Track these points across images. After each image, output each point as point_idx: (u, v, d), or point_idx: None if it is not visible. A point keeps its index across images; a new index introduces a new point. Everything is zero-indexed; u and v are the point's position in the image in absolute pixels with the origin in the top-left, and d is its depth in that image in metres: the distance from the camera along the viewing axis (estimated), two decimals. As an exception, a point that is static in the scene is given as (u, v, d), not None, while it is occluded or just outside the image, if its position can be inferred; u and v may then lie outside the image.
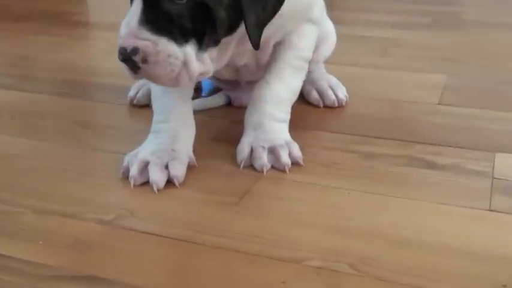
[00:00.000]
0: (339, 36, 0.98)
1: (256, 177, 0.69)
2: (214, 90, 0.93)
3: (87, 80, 1.06)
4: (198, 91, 0.89)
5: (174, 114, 0.71)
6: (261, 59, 0.77)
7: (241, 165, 0.71)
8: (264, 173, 0.69)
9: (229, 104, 0.91)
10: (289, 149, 0.71)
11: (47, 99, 0.95)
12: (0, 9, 1.52)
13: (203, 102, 0.89)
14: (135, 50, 0.59)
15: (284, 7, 0.65)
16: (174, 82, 0.63)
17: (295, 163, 0.71)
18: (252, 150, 0.71)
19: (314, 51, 0.82)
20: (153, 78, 0.62)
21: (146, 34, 0.59)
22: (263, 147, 0.70)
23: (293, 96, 0.77)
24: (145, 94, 0.89)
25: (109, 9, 1.58)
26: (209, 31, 0.61)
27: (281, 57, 0.75)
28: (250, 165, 0.70)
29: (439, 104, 0.91)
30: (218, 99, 0.91)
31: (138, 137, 0.73)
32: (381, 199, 0.64)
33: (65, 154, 0.76)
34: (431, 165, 0.71)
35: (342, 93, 0.92)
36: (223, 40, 0.64)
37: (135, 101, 0.91)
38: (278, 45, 0.75)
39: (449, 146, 0.77)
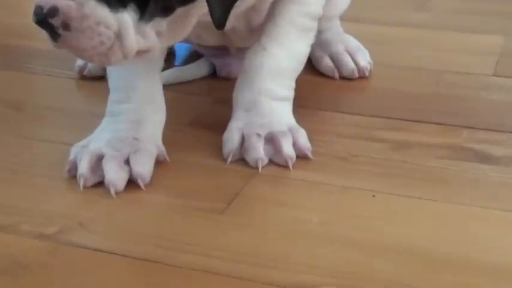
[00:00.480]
0: None
1: (248, 175, 0.69)
2: (192, 57, 0.93)
3: (19, 44, 1.06)
4: (170, 58, 0.90)
5: (137, 91, 0.71)
6: (255, 19, 0.77)
7: (229, 159, 0.71)
8: (260, 169, 0.70)
9: (213, 75, 0.92)
10: (293, 137, 0.71)
11: None
12: None
13: (177, 73, 0.90)
14: (54, 11, 0.57)
15: None
16: (102, 58, 0.62)
17: (301, 156, 0.71)
18: (243, 139, 0.71)
19: (325, 4, 0.82)
20: (76, 51, 0.61)
21: None
22: (258, 135, 0.70)
23: (298, 66, 0.78)
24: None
25: None
26: None
27: (281, 15, 0.75)
28: (241, 159, 0.71)
29: (493, 75, 0.92)
30: (198, 69, 0.92)
31: (90, 122, 0.74)
32: (417, 204, 0.65)
33: None
34: (484, 158, 0.72)
35: (365, 59, 0.92)
36: (181, 9, 0.63)
37: (85, 72, 0.92)
38: (278, 1, 0.75)
39: (508, 132, 0.77)
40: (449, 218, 0.62)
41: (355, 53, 0.93)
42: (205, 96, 0.86)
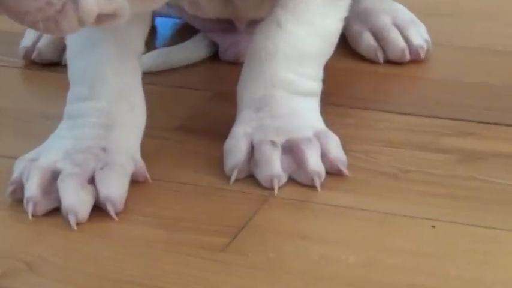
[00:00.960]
0: None
1: (260, 198, 0.69)
2: (181, 37, 0.95)
3: None
4: (152, 40, 0.91)
5: (107, 85, 0.72)
6: None
7: (233, 177, 0.70)
8: (275, 190, 0.69)
9: (213, 58, 0.93)
10: (321, 145, 0.71)
11: None
12: None
13: (163, 57, 0.91)
14: None
15: None
16: (51, 25, 0.61)
17: (332, 172, 0.71)
18: (252, 149, 0.71)
19: None
20: (16, 14, 0.60)
21: None
22: (273, 143, 0.70)
23: (326, 48, 0.78)
24: (53, 41, 0.91)
25: None
26: None
27: None
28: (250, 177, 0.71)
29: None
30: (193, 50, 0.93)
31: (40, 126, 0.75)
32: (491, 237, 0.64)
33: None
34: None
35: (420, 36, 0.92)
36: None
37: (33, 56, 0.93)
38: None
39: None
40: None
41: (406, 27, 0.93)
42: (201, 89, 0.87)
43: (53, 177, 0.67)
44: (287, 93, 0.74)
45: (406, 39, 0.91)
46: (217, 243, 0.64)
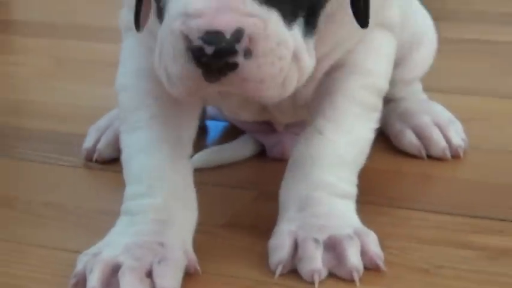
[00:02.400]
0: (444, 41, 1.02)
1: None
2: (229, 137, 0.98)
3: (8, 124, 1.11)
4: (203, 138, 0.95)
5: (163, 183, 0.75)
6: (302, 92, 0.79)
7: (278, 271, 0.72)
8: (316, 285, 0.71)
9: (261, 154, 0.96)
10: (361, 242, 0.73)
11: None
12: None
13: (213, 154, 0.94)
14: (240, 32, 0.59)
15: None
16: (279, 90, 0.64)
17: (371, 267, 0.73)
18: (296, 246, 0.73)
19: (400, 66, 0.86)
20: (247, 88, 0.62)
21: (253, 6, 0.60)
22: (316, 241, 0.72)
23: (361, 156, 0.80)
24: (111, 142, 0.95)
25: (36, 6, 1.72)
26: (317, 6, 0.66)
27: (340, 90, 0.78)
28: (293, 271, 0.72)
29: None
30: (241, 148, 0.96)
31: (101, 222, 0.78)
32: None
33: None
34: None
35: (459, 135, 0.95)
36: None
37: (95, 156, 0.96)
38: (333, 70, 0.78)
39: None
40: None
41: (446, 126, 0.96)
42: (248, 188, 0.89)
43: (114, 271, 0.69)
44: (328, 195, 0.76)
45: (446, 138, 0.94)
46: None
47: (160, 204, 0.74)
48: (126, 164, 0.78)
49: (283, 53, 0.62)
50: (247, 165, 0.95)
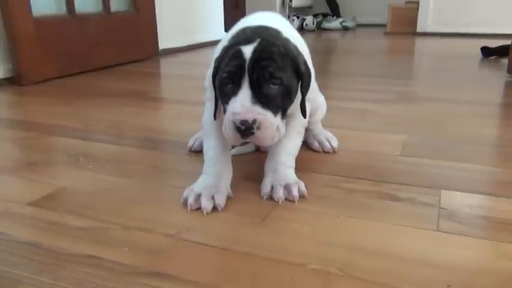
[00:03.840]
0: (332, 108, 1.02)
1: (274, 205, 0.71)
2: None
3: (159, 137, 1.09)
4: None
5: (218, 161, 0.74)
6: None
7: (264, 197, 0.73)
8: (279, 203, 0.71)
9: (257, 151, 0.95)
10: (298, 186, 0.74)
11: (132, 150, 0.98)
12: (103, 89, 1.63)
13: (238, 149, 0.93)
14: (255, 121, 0.63)
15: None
16: (271, 141, 0.66)
17: (301, 196, 0.72)
18: (272, 187, 0.74)
19: (312, 116, 0.84)
20: (259, 139, 0.65)
21: (259, 110, 0.63)
22: (280, 185, 0.73)
23: (297, 151, 0.80)
24: (199, 144, 0.93)
25: (174, 89, 1.69)
26: (287, 107, 0.67)
27: (290, 126, 0.76)
28: (270, 197, 0.72)
29: (400, 155, 0.93)
30: (249, 147, 0.95)
31: (194, 176, 0.76)
32: (360, 222, 0.66)
33: (144, 188, 0.78)
34: (394, 198, 0.73)
35: (335, 143, 0.94)
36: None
37: (192, 149, 0.96)
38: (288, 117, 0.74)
39: (407, 185, 0.78)
40: (377, 229, 0.65)
41: (330, 139, 0.94)
42: (253, 162, 0.88)
43: (199, 196, 0.71)
44: (284, 167, 0.75)
45: (331, 144, 0.94)
46: (257, 222, 0.67)
47: (217, 170, 0.74)
48: (205, 153, 0.77)
49: (273, 127, 0.65)
50: (251, 154, 0.94)
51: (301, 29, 4.16)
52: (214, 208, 0.68)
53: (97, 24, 2.00)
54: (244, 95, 0.61)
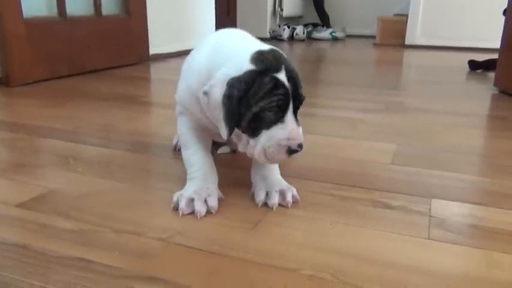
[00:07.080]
0: (323, 116, 1.04)
1: (266, 210, 0.71)
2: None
3: (149, 141, 1.09)
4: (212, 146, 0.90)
5: (204, 165, 0.75)
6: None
7: (259, 205, 0.73)
8: (274, 209, 0.72)
9: (233, 151, 0.96)
10: (291, 191, 0.75)
11: (122, 153, 0.98)
12: (92, 92, 1.62)
13: (220, 150, 0.96)
14: (302, 143, 0.67)
15: None
16: (264, 160, 0.69)
17: (294, 202, 0.73)
18: (266, 193, 0.74)
19: None
20: (294, 157, 0.67)
21: (301, 135, 0.67)
22: (276, 191, 0.74)
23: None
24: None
25: (164, 94, 1.68)
26: None
27: None
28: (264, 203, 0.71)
29: (391, 163, 0.94)
30: (226, 149, 0.98)
31: (184, 180, 0.77)
32: (352, 229, 0.66)
33: (134, 190, 0.78)
34: (386, 206, 0.74)
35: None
36: None
37: (177, 148, 0.97)
38: None
39: (399, 193, 0.79)
40: (370, 236, 0.65)
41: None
42: (230, 166, 0.89)
43: (191, 200, 0.71)
44: (275, 173, 0.77)
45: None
46: (249, 227, 0.67)
47: (203, 172, 0.75)
48: (187, 159, 0.77)
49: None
50: (236, 159, 0.94)
51: (291, 39, 4.17)
52: (206, 212, 0.68)
53: (88, 27, 1.99)
54: (292, 122, 0.65)
